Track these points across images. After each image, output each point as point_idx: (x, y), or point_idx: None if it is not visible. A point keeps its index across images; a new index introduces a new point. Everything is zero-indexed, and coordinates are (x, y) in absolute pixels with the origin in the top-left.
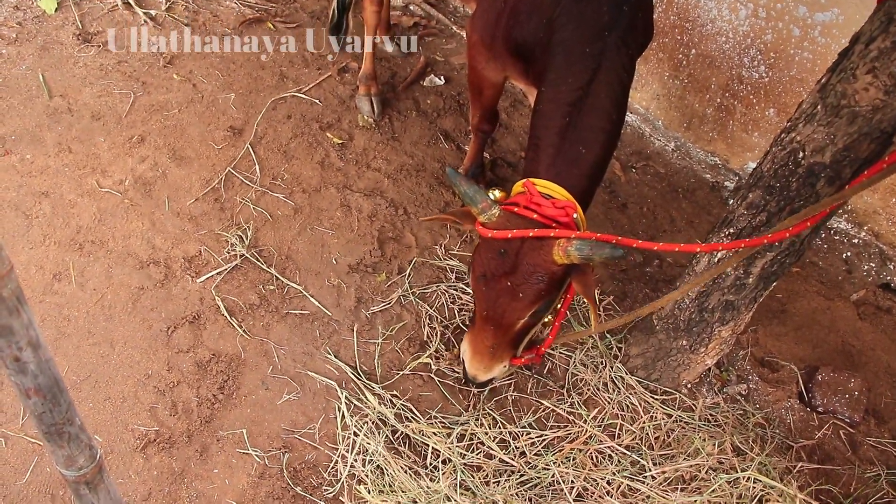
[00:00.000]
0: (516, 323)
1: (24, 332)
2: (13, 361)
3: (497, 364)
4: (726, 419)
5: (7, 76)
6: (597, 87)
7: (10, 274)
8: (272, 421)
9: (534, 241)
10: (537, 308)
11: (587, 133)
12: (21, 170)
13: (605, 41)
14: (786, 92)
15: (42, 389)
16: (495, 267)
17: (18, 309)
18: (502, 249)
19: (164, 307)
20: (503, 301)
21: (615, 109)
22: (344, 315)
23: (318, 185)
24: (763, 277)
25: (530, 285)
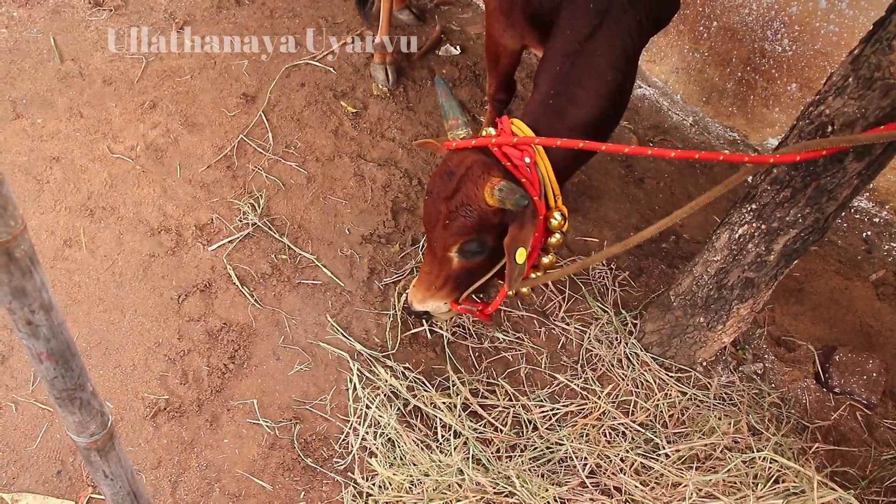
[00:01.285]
0: (447, 255)
1: (37, 295)
2: (25, 324)
3: (433, 299)
4: (741, 398)
5: (18, 39)
6: (594, 44)
7: (23, 234)
8: (283, 392)
9: (474, 172)
10: (463, 245)
11: (576, 89)
12: (32, 134)
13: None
14: (809, 66)
15: (54, 354)
16: (439, 188)
17: (31, 270)
18: (451, 171)
19: (175, 275)
20: (437, 225)
21: (612, 74)
22: (356, 286)
23: (332, 154)
24: (785, 255)
25: (458, 215)
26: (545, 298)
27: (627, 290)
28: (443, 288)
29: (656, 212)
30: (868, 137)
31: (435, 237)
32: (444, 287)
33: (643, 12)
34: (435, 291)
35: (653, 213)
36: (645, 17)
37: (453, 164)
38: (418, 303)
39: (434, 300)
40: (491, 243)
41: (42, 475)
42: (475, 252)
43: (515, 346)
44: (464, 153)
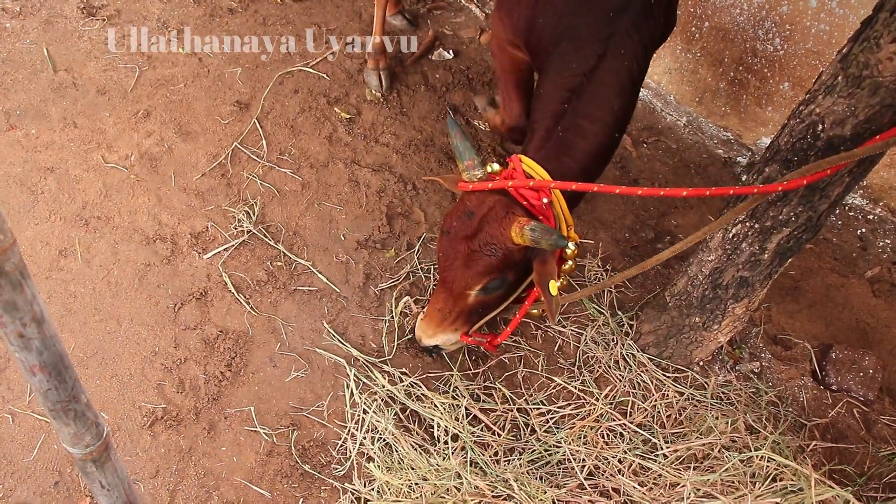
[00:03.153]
0: (465, 292)
1: (28, 308)
2: (17, 338)
3: (443, 333)
4: (739, 397)
5: (11, 50)
6: (600, 74)
7: (12, 248)
8: (280, 398)
9: (498, 213)
10: (487, 283)
11: (584, 122)
12: (26, 145)
13: (614, 26)
14: (801, 65)
15: (47, 366)
16: (458, 227)
17: (22, 284)
18: (470, 211)
19: (170, 284)
20: (456, 265)
21: (619, 101)
22: (352, 292)
23: (326, 161)
24: (779, 253)
25: (483, 255)
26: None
27: (623, 292)
28: (455, 322)
29: (651, 213)
30: (864, 150)
31: (453, 275)
32: (457, 321)
33: (647, 35)
34: (447, 326)
35: (647, 214)
36: (650, 38)
37: (473, 205)
38: (428, 338)
39: (445, 334)
40: (512, 278)
41: (39, 486)
42: (496, 288)
43: (512, 349)
44: (483, 193)
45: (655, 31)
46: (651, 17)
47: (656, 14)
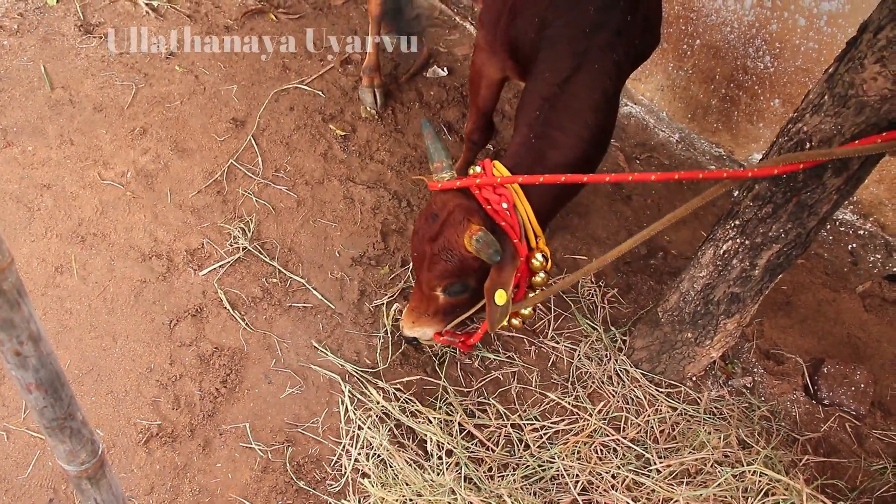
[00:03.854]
0: (430, 292)
1: (25, 326)
2: (14, 356)
3: (420, 327)
4: (731, 412)
5: (9, 67)
6: (574, 87)
7: (10, 267)
8: (275, 415)
9: (455, 217)
10: (447, 286)
11: (556, 132)
12: (23, 162)
13: (589, 42)
14: (791, 82)
15: (43, 384)
16: (424, 229)
17: (19, 302)
18: (434, 213)
19: (166, 300)
20: (421, 265)
21: (593, 116)
22: (347, 308)
23: (321, 178)
24: (769, 269)
25: (439, 259)
26: (535, 317)
27: (616, 307)
28: (431, 318)
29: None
30: (843, 151)
31: (421, 276)
32: (433, 318)
33: (622, 53)
34: (424, 321)
35: (640, 230)
36: (624, 57)
37: (437, 207)
38: (408, 329)
39: (422, 328)
40: (474, 284)
41: (34, 503)
42: (459, 291)
43: (506, 365)
44: (447, 196)
45: (630, 50)
46: (626, 35)
47: (632, 32)
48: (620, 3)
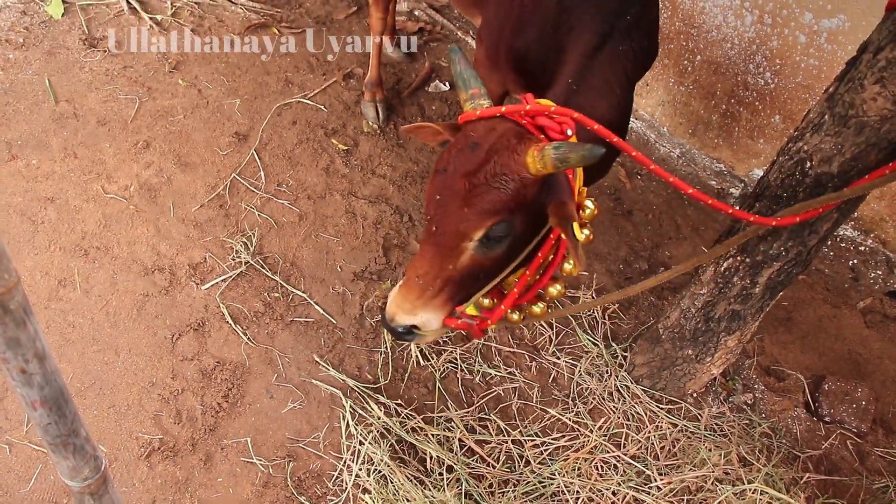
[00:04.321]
0: (460, 245)
1: (31, 345)
2: (19, 373)
3: (424, 308)
4: (732, 429)
5: (14, 81)
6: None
7: (17, 286)
8: (276, 430)
9: (510, 140)
10: (491, 228)
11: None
12: (27, 175)
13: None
14: (791, 99)
15: (48, 401)
16: (459, 162)
17: (25, 321)
18: (475, 142)
19: (168, 314)
20: (453, 207)
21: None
22: (349, 323)
23: (323, 192)
24: (770, 287)
25: (491, 188)
26: (536, 333)
27: (617, 323)
28: (441, 292)
29: (644, 244)
30: (854, 191)
31: (446, 223)
32: (444, 291)
33: (637, 46)
34: (429, 298)
35: (641, 246)
36: (640, 51)
37: (479, 135)
38: (406, 313)
39: (426, 311)
40: (519, 229)
41: None
42: (499, 239)
43: (507, 380)
44: (490, 122)
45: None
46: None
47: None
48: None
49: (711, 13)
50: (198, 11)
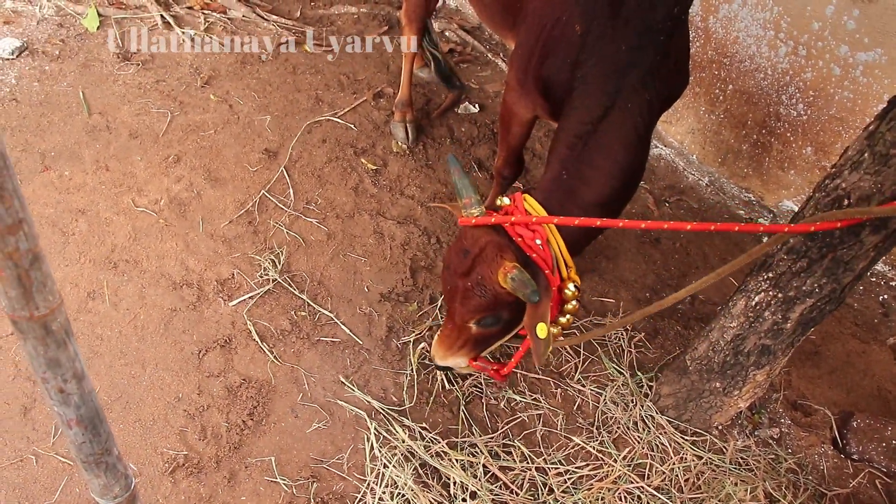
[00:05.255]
0: (463, 325)
1: (70, 365)
2: (58, 392)
3: (453, 356)
4: (758, 463)
5: (49, 92)
6: (606, 125)
7: (59, 308)
8: (301, 449)
9: (488, 254)
10: (481, 320)
11: (588, 170)
12: (59, 186)
13: (622, 80)
14: (824, 130)
15: (83, 420)
16: (455, 263)
17: (66, 342)
18: (466, 249)
19: (195, 329)
20: (454, 299)
21: (625, 154)
22: (374, 344)
23: (352, 211)
24: (802, 323)
25: (473, 295)
26: (562, 359)
27: (643, 352)
28: (462, 348)
29: (672, 272)
30: (882, 210)
31: (452, 308)
32: (464, 347)
33: (653, 93)
34: (455, 351)
35: (668, 274)
36: (655, 96)
37: (468, 242)
38: (440, 359)
39: (454, 358)
40: (507, 316)
41: None
42: (492, 323)
43: (532, 407)
44: (479, 231)
45: (662, 89)
46: (658, 75)
47: (663, 74)
48: (653, 43)
49: (745, 43)
50: (230, 27)
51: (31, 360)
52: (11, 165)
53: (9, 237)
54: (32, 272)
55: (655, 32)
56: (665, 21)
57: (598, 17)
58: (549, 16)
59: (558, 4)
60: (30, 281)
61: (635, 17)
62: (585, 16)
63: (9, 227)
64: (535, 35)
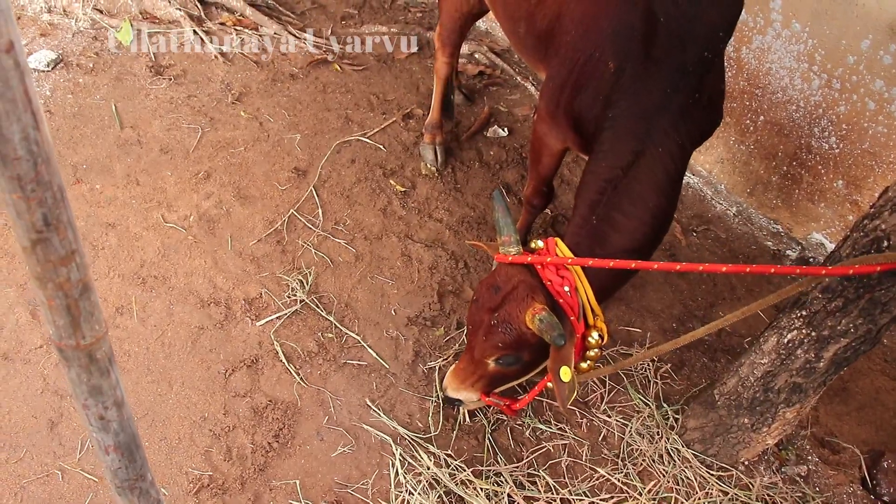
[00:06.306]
0: (483, 360)
1: (112, 392)
2: (97, 419)
3: (466, 390)
4: (784, 501)
5: (82, 105)
6: (637, 170)
7: (104, 337)
8: (326, 473)
9: (519, 293)
10: (500, 357)
11: (618, 216)
12: (90, 199)
13: (653, 123)
14: (856, 165)
15: (121, 447)
16: (485, 298)
17: (109, 370)
18: (497, 286)
19: (222, 348)
20: (477, 333)
21: (655, 199)
22: (401, 368)
23: (380, 233)
24: (835, 363)
25: (498, 331)
26: (587, 389)
27: (669, 383)
28: (476, 383)
29: (699, 303)
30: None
31: (475, 342)
32: (478, 383)
33: (685, 135)
34: (468, 385)
35: (696, 304)
36: (687, 138)
37: (501, 279)
38: (452, 391)
39: (466, 392)
40: (527, 358)
41: None
42: (511, 363)
43: (557, 436)
44: (512, 270)
45: (694, 131)
46: (690, 117)
47: (696, 114)
48: (685, 85)
49: (778, 75)
50: (261, 44)
51: (74, 387)
52: (67, 198)
53: (61, 268)
54: (81, 302)
55: (688, 74)
56: (697, 63)
57: (631, 55)
58: (583, 51)
59: (592, 40)
60: (78, 311)
61: (667, 58)
62: (619, 53)
63: (62, 258)
64: (568, 69)
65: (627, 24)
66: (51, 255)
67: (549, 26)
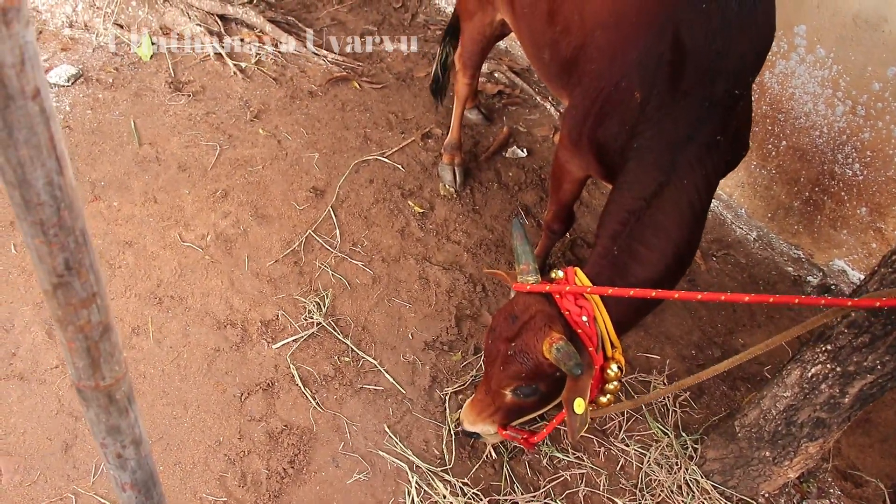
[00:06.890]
0: (500, 391)
1: (130, 431)
2: (115, 458)
3: (482, 423)
4: None
5: (101, 121)
6: (661, 202)
7: (124, 377)
8: (341, 500)
9: (537, 323)
10: (517, 388)
11: (641, 248)
12: (108, 217)
13: (679, 155)
14: (881, 192)
15: (138, 484)
16: (502, 328)
17: (128, 409)
18: (515, 315)
19: (238, 371)
20: (494, 363)
21: (679, 232)
22: (418, 394)
23: (398, 255)
24: (860, 399)
25: (515, 362)
26: (606, 417)
27: (688, 412)
28: (493, 415)
29: (718, 329)
30: None
31: (491, 372)
32: (495, 415)
33: (711, 167)
34: (485, 418)
35: (715, 331)
36: (713, 170)
37: (518, 309)
38: (469, 424)
39: (483, 425)
40: (544, 389)
41: None
42: (528, 394)
43: (574, 465)
44: (530, 299)
45: (720, 163)
46: (717, 149)
47: (723, 147)
48: (713, 117)
49: (801, 100)
50: (281, 61)
51: (92, 426)
52: (91, 241)
53: (82, 310)
54: (102, 343)
55: (715, 107)
56: (725, 96)
57: (658, 86)
58: (609, 79)
59: (619, 69)
60: (98, 353)
61: (695, 91)
62: (645, 84)
63: (83, 300)
64: (592, 97)
65: (655, 54)
66: (72, 299)
67: (573, 54)
